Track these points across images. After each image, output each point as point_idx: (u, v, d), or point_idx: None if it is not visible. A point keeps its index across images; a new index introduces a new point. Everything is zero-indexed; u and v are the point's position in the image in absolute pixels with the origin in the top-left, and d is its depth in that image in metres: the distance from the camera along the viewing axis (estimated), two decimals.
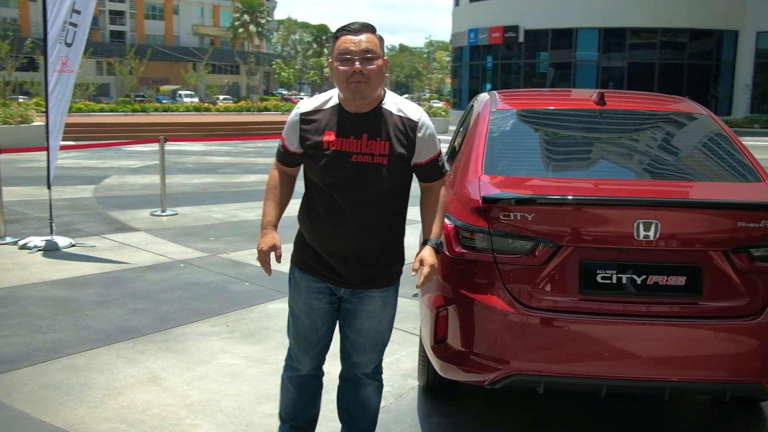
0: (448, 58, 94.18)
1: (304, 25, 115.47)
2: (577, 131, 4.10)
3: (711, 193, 3.44)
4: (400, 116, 2.84)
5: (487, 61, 43.05)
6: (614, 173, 3.73)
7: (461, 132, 4.88)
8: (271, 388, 4.16)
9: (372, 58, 2.71)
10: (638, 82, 36.80)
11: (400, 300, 3.14)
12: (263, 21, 72.65)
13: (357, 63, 2.69)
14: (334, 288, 2.98)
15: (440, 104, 42.76)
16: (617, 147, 3.98)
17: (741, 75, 37.15)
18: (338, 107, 2.85)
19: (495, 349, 3.22)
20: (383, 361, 3.21)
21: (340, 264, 2.92)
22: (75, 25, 7.01)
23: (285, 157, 3.00)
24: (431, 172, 2.94)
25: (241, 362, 4.56)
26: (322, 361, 3.16)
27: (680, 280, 3.11)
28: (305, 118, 2.88)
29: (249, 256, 7.37)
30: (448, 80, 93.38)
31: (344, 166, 2.80)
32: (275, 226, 2.99)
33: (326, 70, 45.41)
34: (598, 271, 3.13)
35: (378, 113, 2.83)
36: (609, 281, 3.13)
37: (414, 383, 4.26)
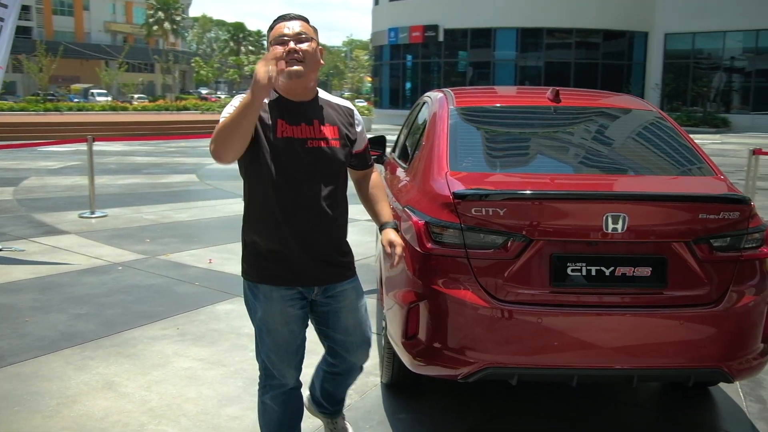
0: (367, 57, 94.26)
1: (220, 23, 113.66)
2: (537, 128, 4.18)
3: (673, 187, 3.57)
4: (338, 104, 2.97)
5: (407, 60, 43.42)
6: (577, 168, 3.82)
7: (413, 130, 4.91)
8: (232, 390, 4.10)
9: (305, 40, 2.75)
10: (554, 81, 37.69)
11: None
12: (178, 18, 71.04)
13: (291, 43, 2.72)
14: (305, 292, 2.91)
15: (364, 104, 42.86)
16: (576, 142, 4.07)
17: (651, 74, 38.65)
18: (280, 99, 2.82)
19: (468, 342, 3.25)
20: None
21: (309, 257, 2.86)
22: (1, 20, 6.70)
23: None
24: (365, 159, 3.09)
25: (197, 365, 4.46)
26: (300, 370, 3.02)
27: (646, 271, 3.21)
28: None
29: (188, 257, 7.23)
30: (368, 79, 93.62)
31: (301, 153, 2.79)
32: None
33: (246, 68, 44.84)
34: (568, 264, 3.20)
35: (320, 101, 2.90)
36: (579, 273, 3.20)
37: (375, 380, 4.26)
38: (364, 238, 7.64)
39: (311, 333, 3.03)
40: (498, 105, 4.47)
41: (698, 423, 3.86)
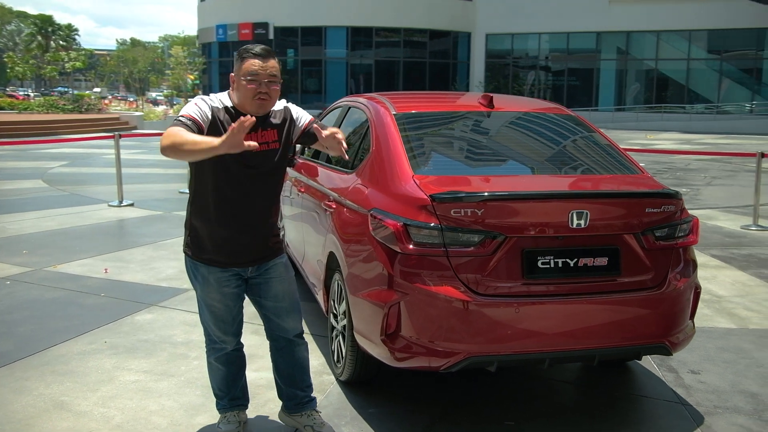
0: (185, 54, 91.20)
1: (22, 15, 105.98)
2: (480, 131, 4.47)
3: (621, 184, 3.98)
4: (277, 109, 3.40)
5: (235, 57, 42.80)
6: (531, 169, 4.14)
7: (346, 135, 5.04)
8: (193, 399, 4.08)
9: (274, 82, 3.23)
10: (384, 79, 38.81)
11: None
12: None
13: (264, 84, 3.18)
14: (241, 271, 3.40)
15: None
16: (521, 145, 4.40)
17: (475, 73, 40.67)
18: (234, 109, 3.26)
19: (451, 335, 3.47)
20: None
21: (246, 245, 3.33)
22: None
23: (193, 128, 3.14)
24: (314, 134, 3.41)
25: (144, 378, 4.36)
26: (240, 334, 3.60)
27: (604, 261, 3.59)
28: (214, 108, 3.23)
29: (79, 268, 6.91)
30: (189, 76, 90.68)
31: (246, 155, 3.12)
32: None
33: (68, 65, 42.24)
34: (538, 258, 3.51)
35: (268, 113, 3.35)
36: (548, 266, 3.53)
37: (330, 378, 4.39)
38: None
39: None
40: (437, 111, 4.71)
41: (627, 393, 4.31)
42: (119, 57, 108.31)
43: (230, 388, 3.64)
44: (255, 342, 4.78)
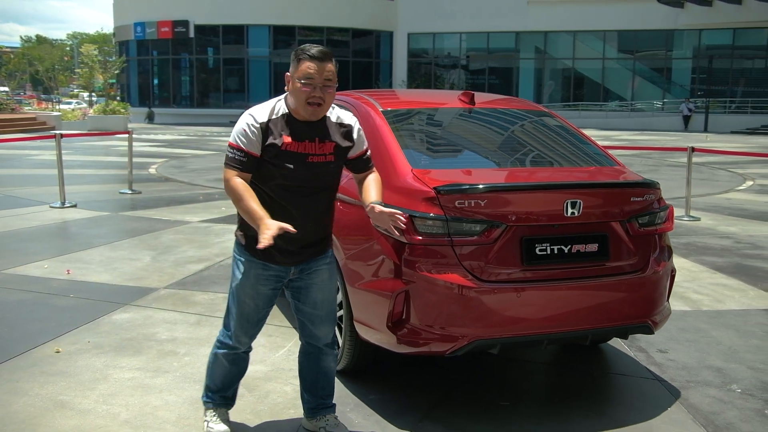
0: (97, 52, 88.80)
1: None
2: (466, 127, 4.66)
3: (607, 176, 4.23)
4: (340, 123, 3.37)
5: (154, 56, 42.02)
6: (520, 163, 4.35)
7: None
8: (193, 393, 4.12)
9: (330, 85, 3.18)
10: None
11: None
12: None
13: (318, 88, 3.14)
14: (283, 273, 3.38)
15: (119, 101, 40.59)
16: (508, 139, 4.62)
17: (397, 72, 41.10)
18: (289, 116, 3.24)
19: (456, 320, 3.64)
20: None
21: (297, 249, 3.32)
22: None
23: (248, 164, 3.21)
24: (363, 163, 3.49)
25: (139, 375, 4.37)
26: (254, 338, 3.60)
27: (594, 247, 3.84)
28: (263, 126, 3.20)
29: (38, 270, 6.78)
30: (99, 76, 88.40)
31: (302, 166, 3.22)
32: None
33: None
34: (536, 245, 3.73)
35: (324, 121, 3.32)
36: (545, 253, 3.75)
37: None
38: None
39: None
40: (421, 107, 4.88)
41: (605, 372, 4.59)
42: (24, 54, 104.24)
43: (226, 386, 3.67)
44: None
